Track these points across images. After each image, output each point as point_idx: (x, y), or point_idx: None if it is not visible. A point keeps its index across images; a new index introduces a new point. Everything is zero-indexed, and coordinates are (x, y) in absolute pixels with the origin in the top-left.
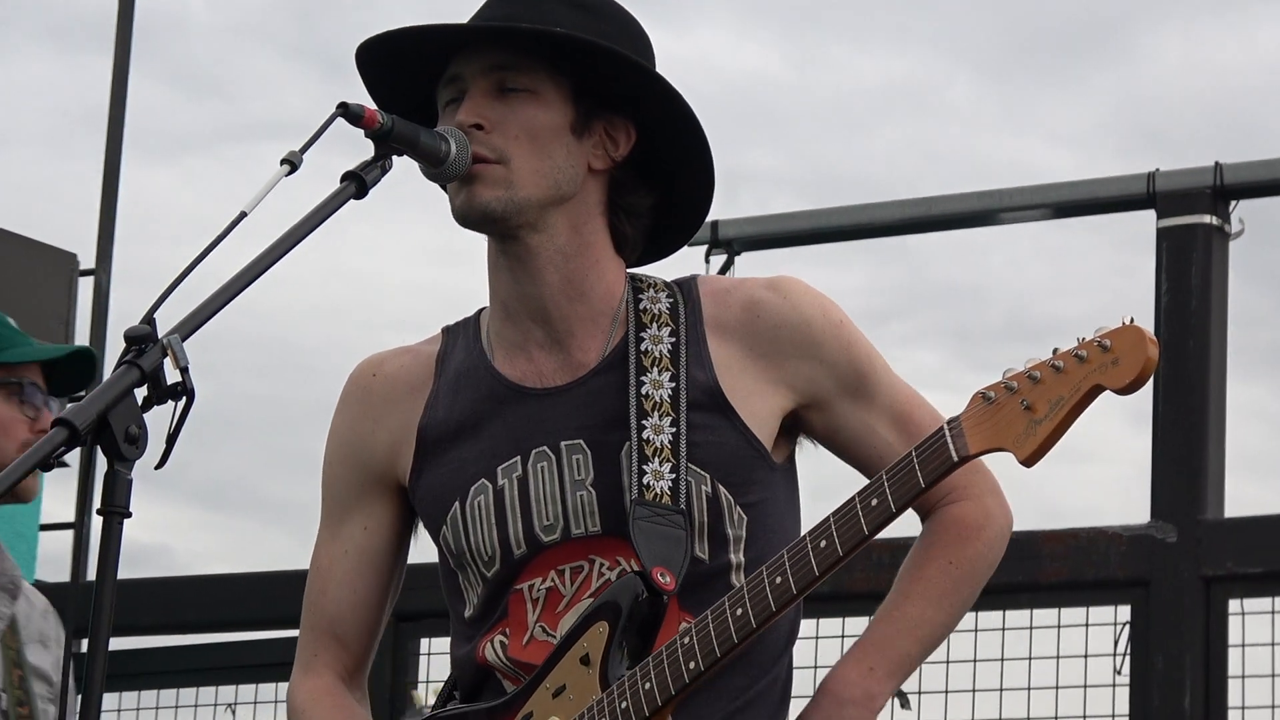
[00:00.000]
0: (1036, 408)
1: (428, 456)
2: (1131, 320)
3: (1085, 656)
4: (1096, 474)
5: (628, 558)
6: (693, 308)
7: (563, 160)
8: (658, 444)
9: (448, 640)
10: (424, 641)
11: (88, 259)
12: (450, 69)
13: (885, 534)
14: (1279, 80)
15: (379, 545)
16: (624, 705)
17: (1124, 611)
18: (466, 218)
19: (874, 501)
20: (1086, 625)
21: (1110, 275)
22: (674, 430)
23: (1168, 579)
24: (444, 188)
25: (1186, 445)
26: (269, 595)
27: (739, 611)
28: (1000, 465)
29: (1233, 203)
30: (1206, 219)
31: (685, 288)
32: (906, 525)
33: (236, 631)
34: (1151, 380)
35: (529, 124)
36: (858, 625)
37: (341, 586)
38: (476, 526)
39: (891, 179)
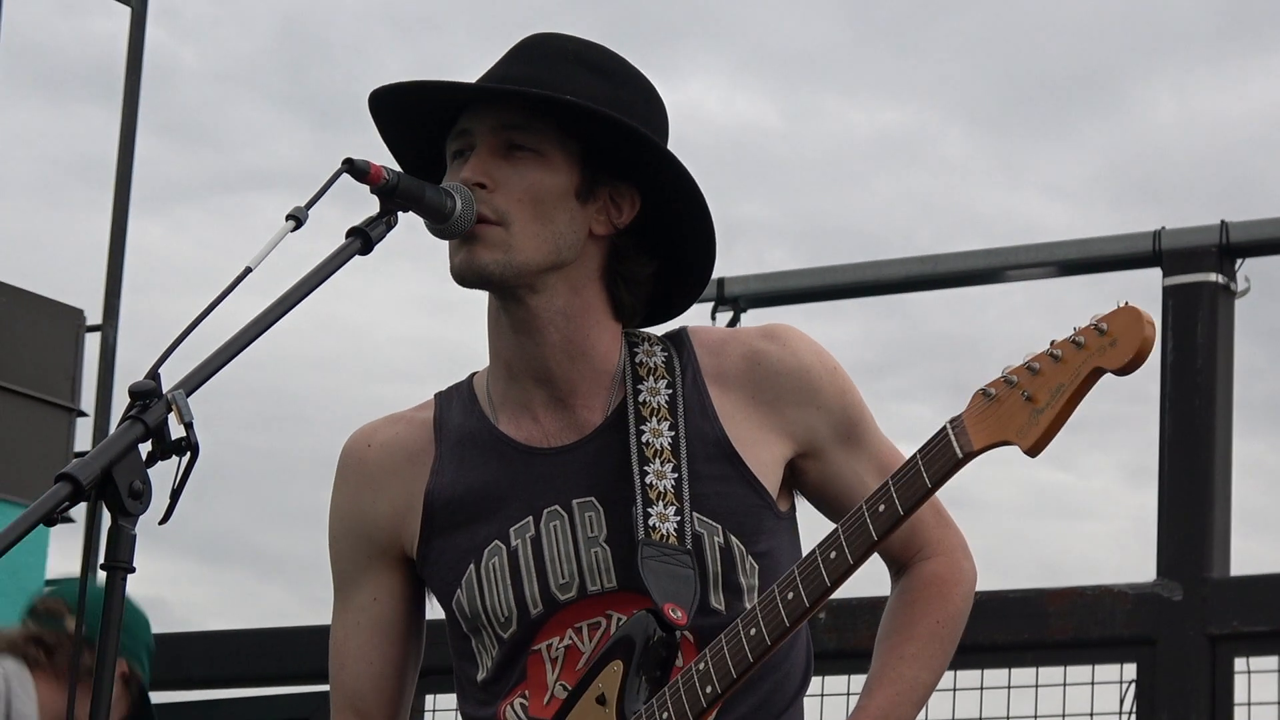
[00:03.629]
0: (1037, 398)
1: (436, 523)
2: (1126, 302)
3: (1091, 715)
4: (1095, 530)
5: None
6: (688, 359)
7: (564, 225)
8: (661, 489)
9: (453, 697)
10: (429, 698)
11: (82, 306)
12: (460, 122)
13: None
14: (1270, 133)
15: (390, 615)
16: None
17: (1130, 669)
18: (464, 278)
19: (881, 508)
20: (1092, 683)
21: None
22: (676, 475)
23: (1174, 637)
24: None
25: (1192, 504)
26: (273, 651)
27: (753, 631)
28: (997, 522)
29: (1238, 261)
30: (1212, 277)
31: (678, 340)
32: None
33: (241, 688)
34: (1157, 438)
35: (533, 187)
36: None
37: (357, 661)
38: (492, 588)
39: (887, 232)
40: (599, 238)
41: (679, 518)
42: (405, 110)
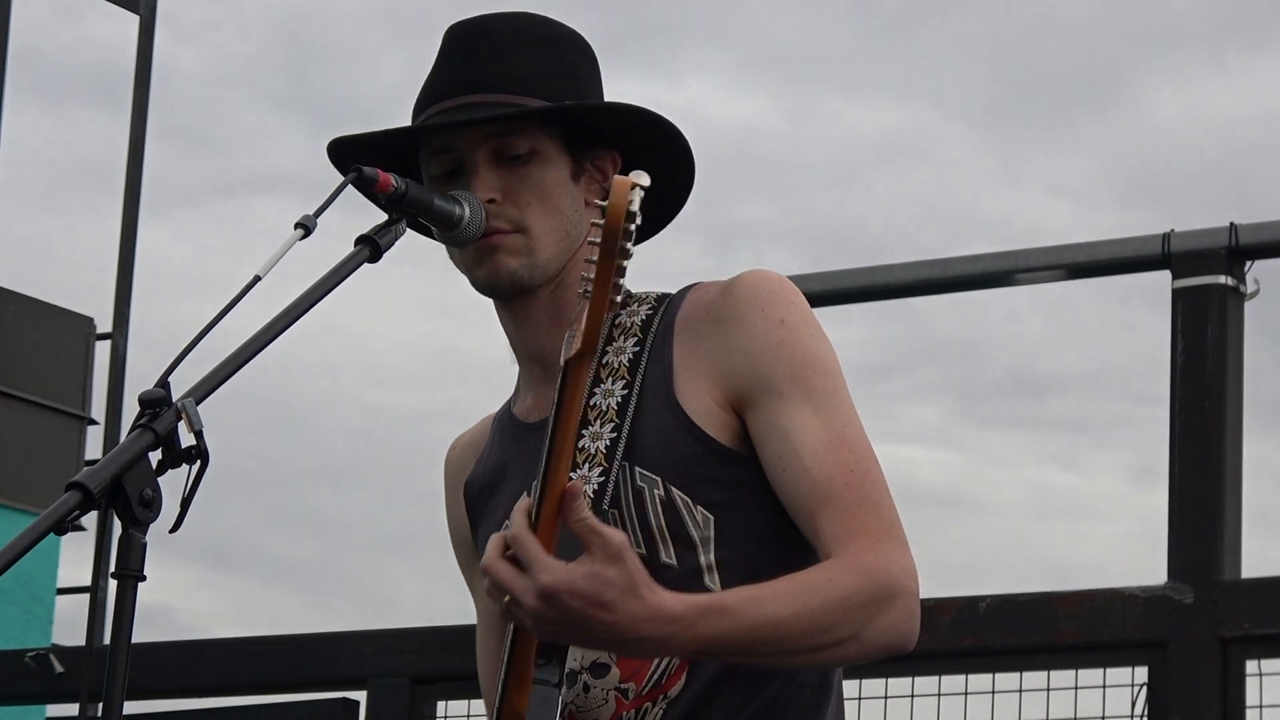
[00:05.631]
0: (591, 290)
1: (475, 511)
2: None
3: (1103, 718)
4: (1100, 531)
5: None
6: (668, 315)
7: (569, 210)
8: (591, 450)
9: (466, 704)
10: (440, 705)
11: (87, 310)
12: (436, 140)
13: (952, 593)
14: (1273, 132)
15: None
16: None
17: (1141, 673)
18: (495, 289)
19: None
20: (1104, 686)
21: (1112, 329)
22: (614, 435)
23: (1185, 640)
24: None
25: (1203, 506)
26: (285, 658)
27: None
28: (1002, 524)
29: (1248, 263)
30: (1222, 279)
31: (677, 297)
32: (960, 586)
33: (252, 695)
34: (1162, 438)
35: (540, 187)
36: (928, 684)
37: (482, 658)
38: None
39: (889, 233)
40: (592, 205)
41: (604, 479)
42: (366, 149)
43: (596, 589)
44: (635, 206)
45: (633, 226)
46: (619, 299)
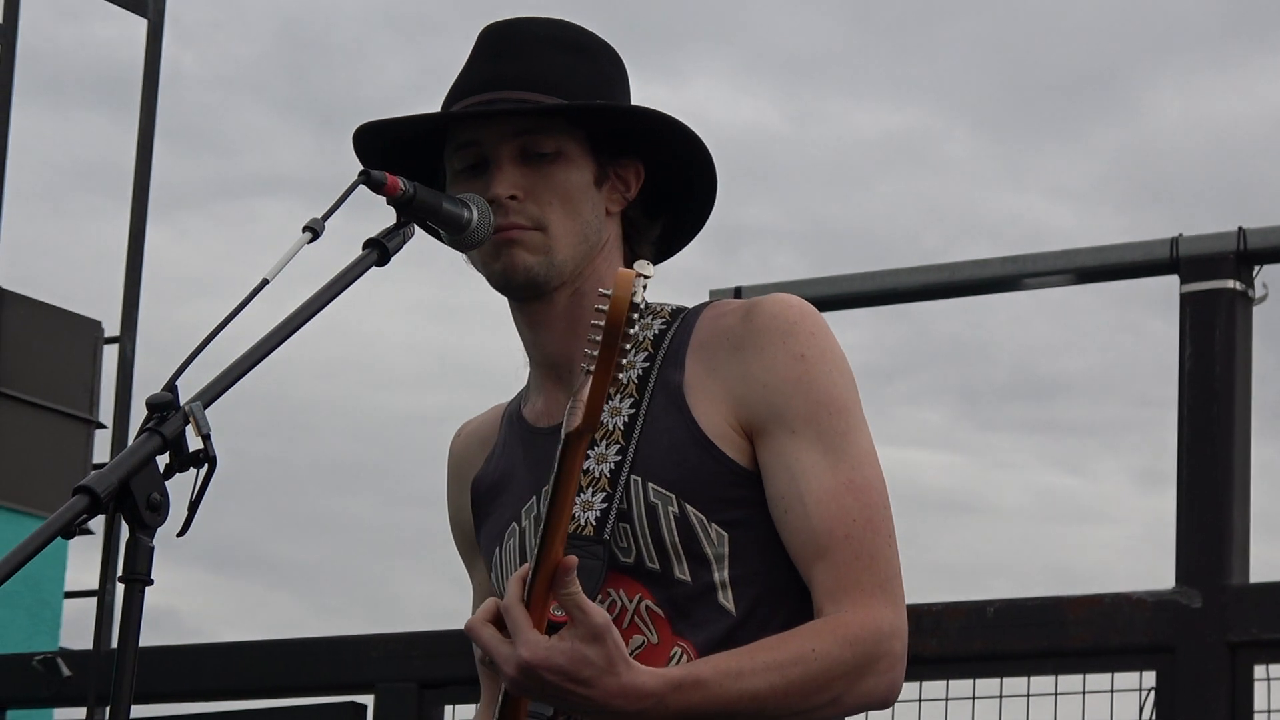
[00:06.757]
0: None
1: (480, 509)
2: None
3: None
4: (1104, 535)
5: (630, 590)
6: (683, 332)
7: (589, 215)
8: (596, 474)
9: (473, 708)
10: (448, 709)
11: (91, 311)
12: (462, 134)
13: (956, 597)
14: (1277, 134)
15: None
16: None
17: (1149, 677)
18: (510, 285)
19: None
20: (1111, 691)
21: (1116, 332)
22: (619, 459)
23: (1193, 645)
24: (465, 251)
25: (1211, 510)
26: (291, 662)
27: None
28: (1007, 527)
29: (1256, 267)
30: (1230, 284)
31: (690, 314)
32: (965, 590)
33: (258, 699)
34: (1165, 441)
35: (562, 188)
36: (935, 689)
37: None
38: (509, 571)
39: (892, 234)
40: (612, 214)
41: (605, 505)
42: (394, 136)
43: (573, 666)
44: (639, 298)
45: (635, 315)
46: (621, 375)
